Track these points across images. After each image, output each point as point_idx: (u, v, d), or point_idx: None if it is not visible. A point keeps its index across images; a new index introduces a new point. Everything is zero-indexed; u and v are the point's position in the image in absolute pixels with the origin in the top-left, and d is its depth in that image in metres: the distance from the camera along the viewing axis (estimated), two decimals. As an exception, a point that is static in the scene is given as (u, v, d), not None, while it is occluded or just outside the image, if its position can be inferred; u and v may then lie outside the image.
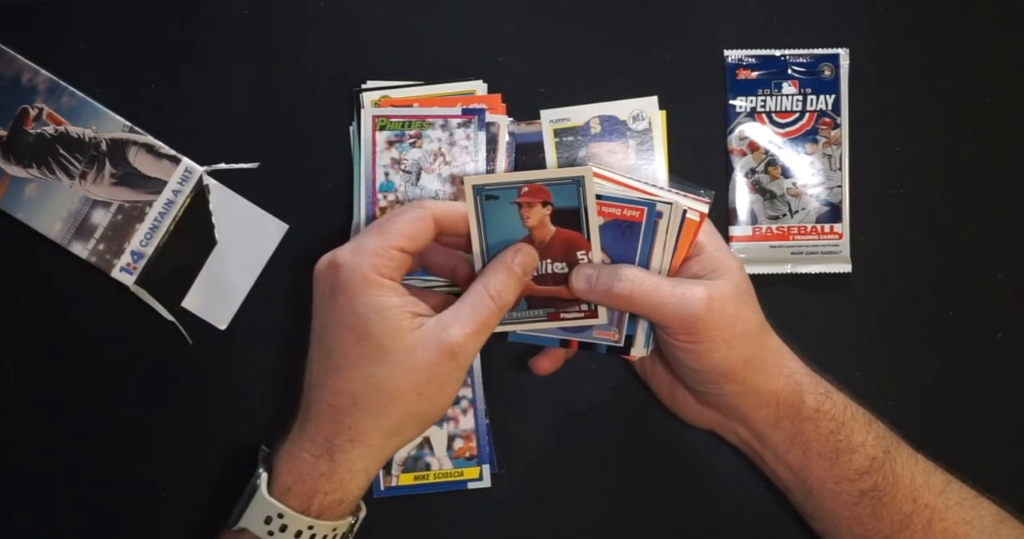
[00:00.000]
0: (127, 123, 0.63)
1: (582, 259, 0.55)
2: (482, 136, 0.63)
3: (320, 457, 0.51)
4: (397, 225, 0.53)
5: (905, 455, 0.57)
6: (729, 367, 0.55)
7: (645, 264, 0.56)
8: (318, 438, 0.52)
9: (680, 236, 0.55)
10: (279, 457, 0.53)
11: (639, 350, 0.58)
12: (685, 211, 0.55)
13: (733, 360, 0.55)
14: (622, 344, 0.58)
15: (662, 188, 0.57)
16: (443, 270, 0.58)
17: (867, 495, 0.55)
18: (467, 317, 0.52)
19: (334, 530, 0.53)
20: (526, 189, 0.54)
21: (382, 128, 0.63)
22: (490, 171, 0.63)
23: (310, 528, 0.51)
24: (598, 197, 0.55)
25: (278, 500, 0.51)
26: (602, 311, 0.56)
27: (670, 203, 0.55)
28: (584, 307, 0.56)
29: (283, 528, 0.51)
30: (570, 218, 0.55)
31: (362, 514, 0.56)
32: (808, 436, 0.56)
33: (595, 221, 0.55)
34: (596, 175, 0.57)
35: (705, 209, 0.56)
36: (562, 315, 0.56)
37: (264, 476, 0.52)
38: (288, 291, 0.64)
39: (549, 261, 0.56)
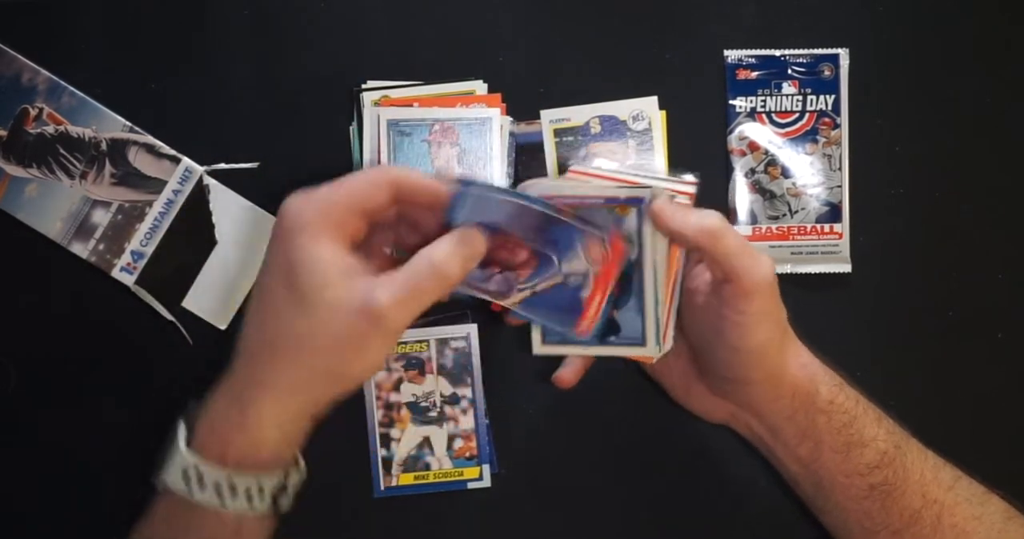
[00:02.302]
0: (127, 123, 0.63)
1: None
2: (482, 136, 0.63)
3: (231, 405, 0.49)
4: (350, 180, 0.50)
5: (915, 451, 0.57)
6: (765, 349, 0.54)
7: None
8: (234, 385, 0.50)
9: None
10: (201, 410, 0.51)
11: (651, 350, 0.55)
12: (673, 196, 0.54)
13: (771, 343, 0.54)
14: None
15: (643, 176, 0.56)
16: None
17: (877, 489, 0.55)
18: (400, 282, 0.48)
19: (260, 488, 0.50)
20: (436, 127, 0.55)
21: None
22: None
23: (230, 481, 0.49)
24: (552, 201, 0.52)
25: (196, 453, 0.49)
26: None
27: (648, 187, 0.53)
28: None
29: (201, 481, 0.48)
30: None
31: (296, 476, 0.52)
32: (821, 429, 0.56)
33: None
34: (575, 172, 0.57)
35: (692, 190, 0.56)
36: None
37: (182, 427, 0.50)
38: (288, 291, 0.64)
39: None
